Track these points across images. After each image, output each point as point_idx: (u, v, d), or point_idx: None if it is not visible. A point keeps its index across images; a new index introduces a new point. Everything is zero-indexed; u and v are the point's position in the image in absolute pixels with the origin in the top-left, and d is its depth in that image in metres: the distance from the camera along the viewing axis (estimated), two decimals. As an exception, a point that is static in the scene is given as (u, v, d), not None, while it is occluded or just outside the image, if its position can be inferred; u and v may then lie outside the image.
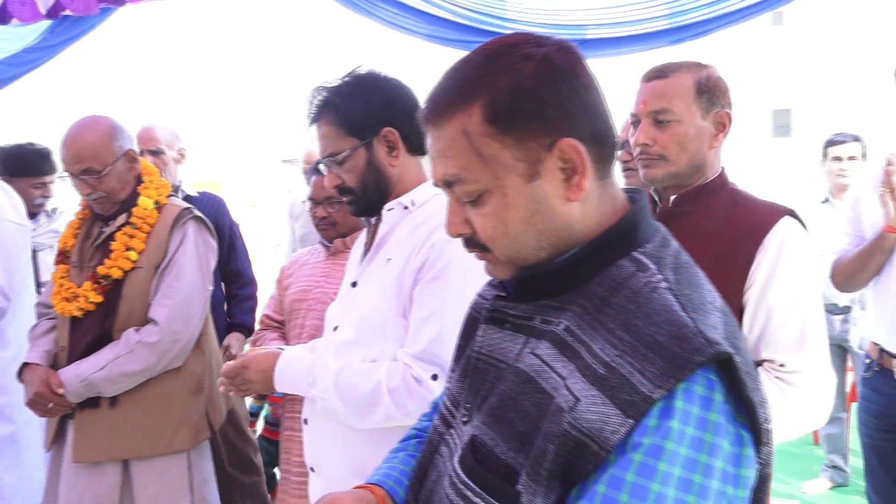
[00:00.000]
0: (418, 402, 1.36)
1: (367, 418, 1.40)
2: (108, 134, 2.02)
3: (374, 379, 1.39)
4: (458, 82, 0.79)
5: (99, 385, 1.95)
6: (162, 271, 2.03)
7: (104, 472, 1.99)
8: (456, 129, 0.77)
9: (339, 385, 1.41)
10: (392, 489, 0.96)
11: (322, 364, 1.45)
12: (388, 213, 1.50)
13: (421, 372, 1.37)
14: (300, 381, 1.47)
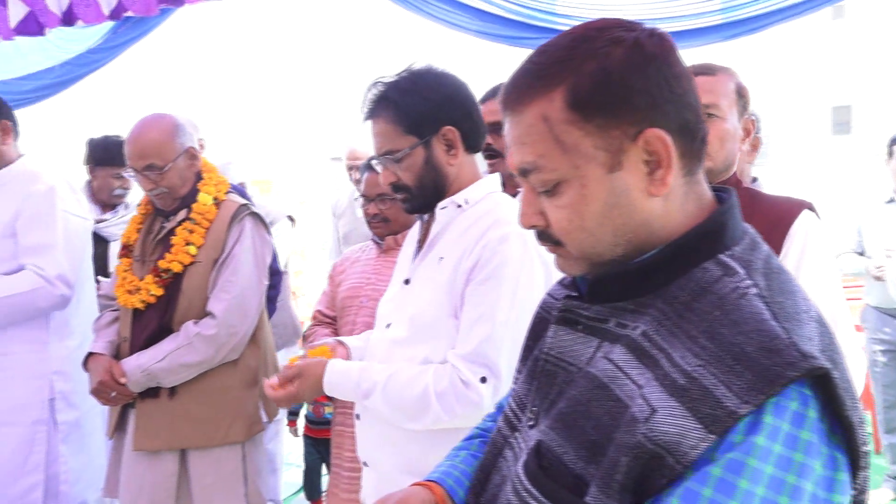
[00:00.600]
0: (466, 406, 1.36)
1: (419, 421, 1.41)
2: (171, 131, 2.07)
3: (422, 384, 1.39)
4: (541, 66, 0.75)
5: (159, 375, 2.00)
6: (220, 266, 2.08)
7: (163, 460, 2.05)
8: (535, 114, 0.74)
9: (387, 394, 1.41)
10: (451, 489, 0.95)
11: (368, 377, 1.45)
12: (441, 211, 1.49)
13: (469, 375, 1.36)
14: (349, 390, 1.47)
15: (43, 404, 2.31)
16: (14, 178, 2.35)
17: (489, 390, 1.36)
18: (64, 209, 2.36)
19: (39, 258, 2.26)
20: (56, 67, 3.61)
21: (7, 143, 2.37)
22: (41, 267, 2.24)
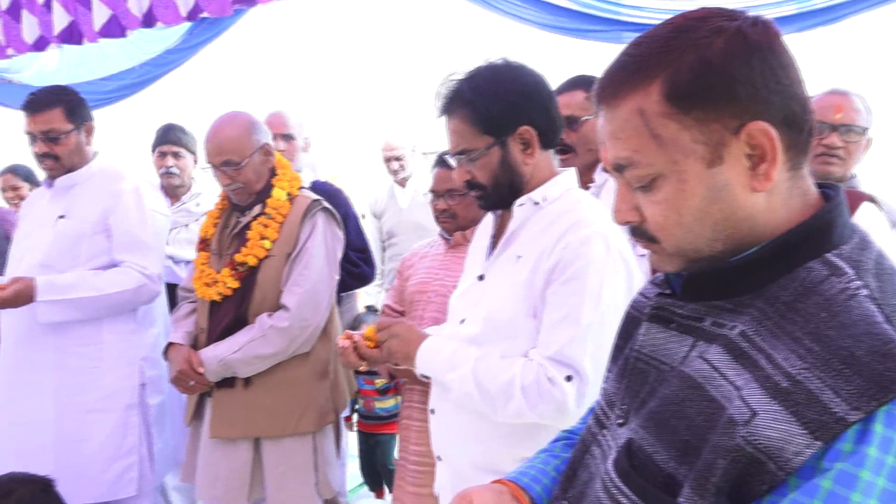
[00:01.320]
0: (550, 403, 1.34)
1: (500, 411, 1.40)
2: (247, 128, 2.13)
3: (510, 373, 1.38)
4: (637, 58, 0.73)
5: (234, 366, 2.06)
6: (293, 260, 2.12)
7: (238, 448, 2.11)
8: (631, 108, 0.72)
9: (476, 373, 1.41)
10: (527, 486, 0.95)
11: (465, 351, 1.46)
12: (518, 208, 1.48)
13: (555, 373, 1.35)
14: (440, 364, 1.48)
15: (134, 390, 2.40)
16: (95, 175, 2.45)
17: (574, 390, 1.35)
18: (150, 207, 2.46)
19: (139, 257, 2.35)
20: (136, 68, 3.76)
21: (89, 143, 2.48)
22: (144, 266, 2.35)
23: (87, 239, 2.36)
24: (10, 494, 1.59)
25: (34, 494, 1.63)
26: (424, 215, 3.91)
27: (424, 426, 1.96)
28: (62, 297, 2.26)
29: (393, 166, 3.96)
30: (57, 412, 2.33)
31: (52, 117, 2.34)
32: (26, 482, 1.65)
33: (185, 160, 3.19)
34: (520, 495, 0.94)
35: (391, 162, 3.95)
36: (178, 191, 3.15)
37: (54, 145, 2.36)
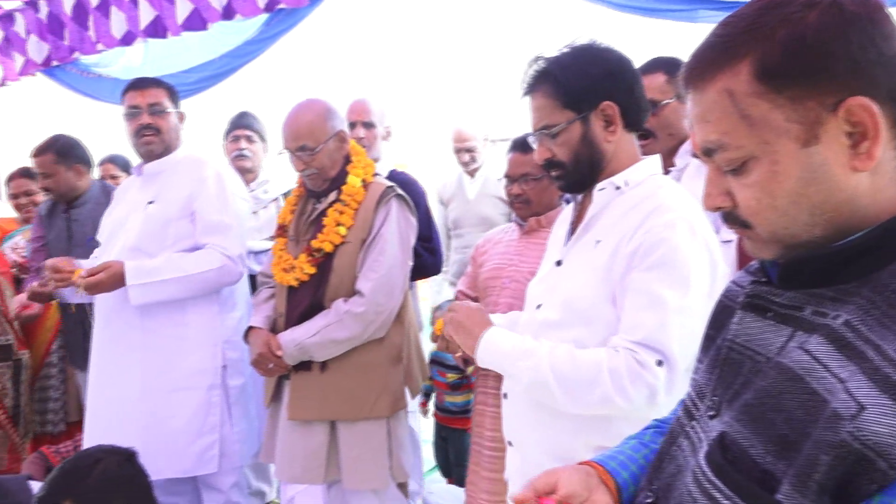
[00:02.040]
0: (641, 387, 1.30)
1: (582, 398, 1.35)
2: (323, 115, 2.16)
3: (593, 357, 1.34)
4: (725, 37, 0.71)
5: (311, 350, 2.10)
6: (368, 246, 2.15)
7: (314, 430, 2.16)
8: (718, 89, 0.70)
9: (553, 359, 1.37)
10: (614, 470, 0.92)
11: (532, 342, 1.43)
12: (599, 192, 1.45)
13: (646, 357, 1.30)
14: (506, 353, 1.45)
15: (216, 371, 2.49)
16: (180, 163, 2.55)
17: (664, 375, 1.31)
18: (231, 191, 2.54)
19: (222, 238, 2.44)
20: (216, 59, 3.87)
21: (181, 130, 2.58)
22: (225, 247, 2.43)
23: (173, 223, 2.45)
24: (97, 464, 1.67)
25: (119, 464, 1.70)
26: (491, 208, 3.87)
27: (499, 412, 1.95)
28: (150, 279, 2.36)
29: (464, 157, 3.90)
30: (144, 390, 2.43)
31: (158, 93, 2.49)
32: (112, 453, 1.73)
33: (256, 145, 3.26)
34: (607, 479, 0.92)
35: (462, 153, 3.90)
36: (248, 177, 3.22)
37: (158, 118, 2.48)
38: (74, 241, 3.06)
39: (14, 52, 4.47)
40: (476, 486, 2.08)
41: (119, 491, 1.66)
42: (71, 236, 3.07)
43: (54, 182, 3.03)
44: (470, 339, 1.50)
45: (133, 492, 1.69)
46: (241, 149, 3.21)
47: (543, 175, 2.09)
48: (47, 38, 4.18)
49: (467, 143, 3.88)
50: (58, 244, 3.10)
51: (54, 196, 3.10)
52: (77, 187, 3.08)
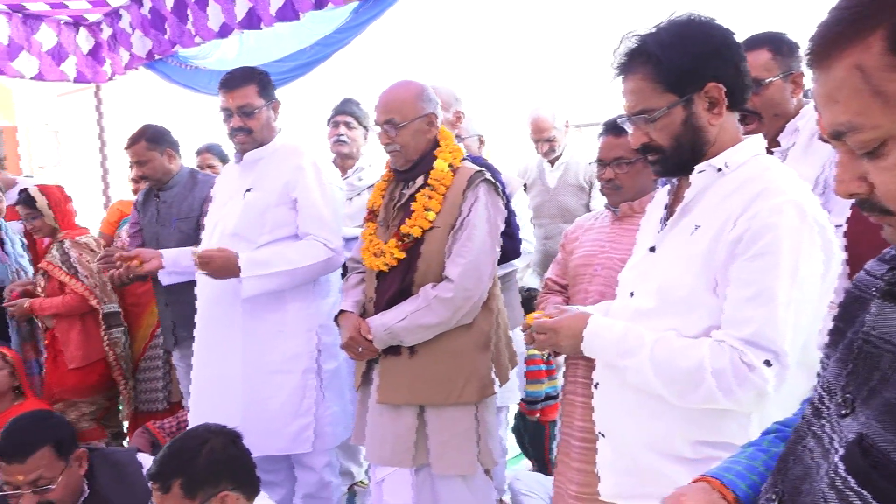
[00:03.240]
0: (748, 389, 1.24)
1: (686, 397, 1.31)
2: (416, 94, 2.17)
3: (696, 357, 1.28)
4: (852, 10, 0.65)
5: (400, 334, 2.12)
6: (456, 231, 2.14)
7: (403, 414, 2.17)
8: (847, 66, 0.64)
9: (654, 359, 1.33)
10: (732, 483, 0.87)
11: (636, 335, 1.38)
12: (697, 175, 1.38)
13: (752, 357, 1.24)
14: (609, 350, 1.42)
15: (311, 355, 2.56)
16: (278, 150, 2.61)
17: (773, 374, 1.23)
18: (328, 181, 2.59)
19: (323, 230, 2.50)
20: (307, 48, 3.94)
21: (276, 120, 2.64)
22: (328, 239, 2.50)
23: (271, 210, 2.52)
24: (204, 444, 1.74)
25: (225, 446, 1.76)
26: (572, 198, 3.76)
27: (590, 402, 1.90)
28: (262, 272, 2.44)
29: (543, 148, 3.79)
30: (244, 371, 2.53)
31: (247, 93, 2.53)
32: (218, 434, 1.79)
33: (355, 132, 3.30)
34: (726, 493, 0.87)
35: (541, 143, 3.78)
36: (347, 163, 3.26)
37: (248, 119, 2.54)
38: (161, 223, 3.21)
39: (120, 47, 4.72)
40: (565, 477, 2.04)
41: (225, 471, 1.72)
42: (160, 218, 3.21)
43: (150, 168, 3.17)
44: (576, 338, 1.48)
45: (238, 472, 1.76)
46: (339, 134, 3.26)
47: (637, 159, 2.01)
48: (150, 33, 4.38)
49: (546, 134, 3.74)
50: (149, 227, 3.25)
51: (151, 182, 3.24)
52: (170, 171, 3.21)
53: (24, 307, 3.32)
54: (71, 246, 3.43)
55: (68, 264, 3.41)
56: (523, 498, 2.90)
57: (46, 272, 3.38)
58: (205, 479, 1.70)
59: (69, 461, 2.07)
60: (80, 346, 3.44)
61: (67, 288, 3.39)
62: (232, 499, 1.72)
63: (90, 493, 2.14)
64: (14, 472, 1.99)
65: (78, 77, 4.69)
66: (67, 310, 3.40)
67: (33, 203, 3.39)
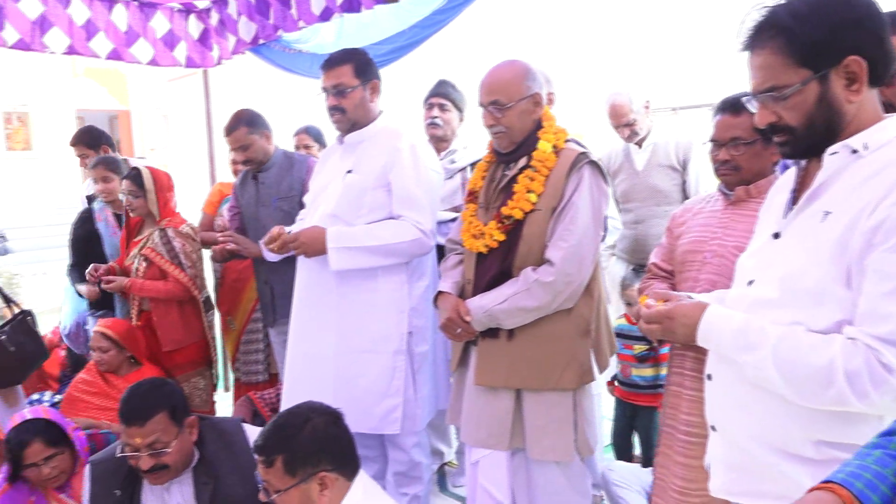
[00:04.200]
0: (886, 393, 1.14)
1: (813, 397, 1.22)
2: (521, 74, 2.12)
3: (826, 356, 1.19)
4: None
5: (499, 317, 2.09)
6: (558, 214, 2.09)
7: (500, 397, 2.16)
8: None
9: (778, 357, 1.24)
10: (861, 493, 0.80)
11: (757, 328, 1.29)
12: (830, 157, 1.27)
13: (891, 357, 1.13)
14: (727, 342, 1.34)
15: (402, 337, 2.58)
16: (378, 133, 2.63)
17: None
18: (425, 164, 2.58)
19: (415, 212, 2.51)
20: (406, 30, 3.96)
21: (374, 101, 2.65)
22: (419, 221, 2.50)
23: (369, 192, 2.55)
24: (307, 423, 1.77)
25: (326, 424, 1.79)
26: (664, 179, 3.59)
27: (697, 395, 1.83)
28: (348, 245, 2.48)
29: (624, 133, 3.61)
30: (337, 349, 2.58)
31: (342, 73, 2.56)
32: (320, 413, 1.81)
33: (449, 114, 3.28)
34: None
35: (621, 129, 3.61)
36: (440, 145, 3.25)
37: (342, 99, 2.57)
38: (261, 202, 3.29)
39: (227, 32, 4.88)
40: (668, 471, 1.97)
41: (325, 451, 1.74)
42: (259, 199, 3.30)
43: (252, 152, 3.25)
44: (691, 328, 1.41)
45: (338, 452, 1.78)
46: (433, 117, 3.26)
47: (756, 139, 1.90)
48: (255, 18, 4.51)
49: (624, 119, 3.55)
50: (248, 208, 3.36)
51: (252, 164, 3.33)
52: (268, 152, 3.30)
53: (123, 284, 3.46)
54: (175, 235, 3.53)
55: (172, 253, 3.53)
56: (616, 489, 2.83)
57: (148, 258, 3.51)
58: (305, 458, 1.72)
59: (182, 427, 2.17)
60: (177, 329, 3.56)
61: (170, 276, 3.51)
62: (330, 479, 1.74)
63: (200, 460, 2.24)
64: (133, 435, 2.10)
65: (188, 62, 4.89)
66: (168, 296, 3.54)
67: (141, 182, 3.53)
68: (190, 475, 2.23)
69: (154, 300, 3.50)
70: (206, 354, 3.69)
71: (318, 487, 1.74)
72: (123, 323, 3.40)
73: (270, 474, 1.75)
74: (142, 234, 3.62)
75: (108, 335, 3.27)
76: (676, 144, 3.58)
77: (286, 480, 1.73)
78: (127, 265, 3.53)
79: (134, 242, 3.60)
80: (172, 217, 3.57)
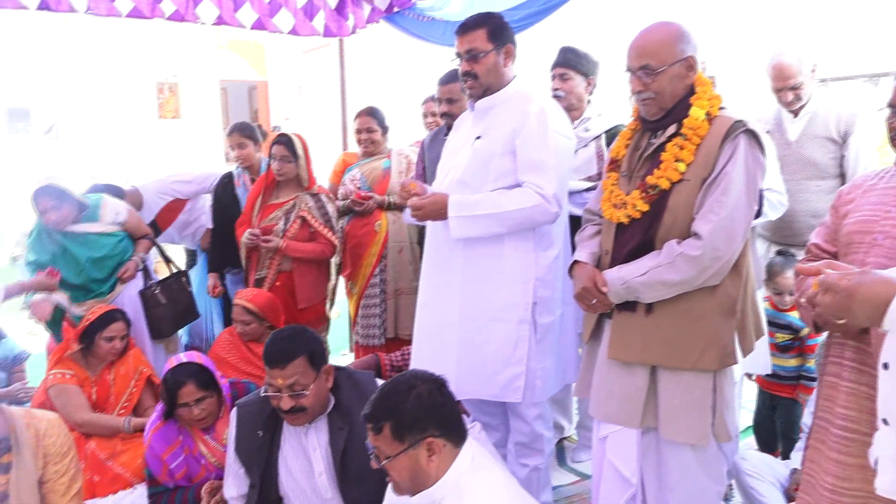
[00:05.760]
0: None
1: None
2: (674, 36, 2.01)
3: None
4: None
5: (638, 290, 2.01)
6: (709, 185, 1.96)
7: (633, 373, 2.08)
8: None
9: None
10: None
11: None
12: None
13: None
14: None
15: (527, 306, 2.54)
16: (510, 98, 2.57)
17: None
18: (554, 129, 2.51)
19: (538, 177, 2.45)
20: (541, -6, 3.86)
21: (508, 66, 2.59)
22: (540, 186, 2.44)
23: (496, 158, 2.51)
24: (412, 389, 1.80)
25: (430, 392, 1.81)
26: (819, 151, 3.28)
27: (856, 388, 1.68)
28: (468, 213, 2.46)
29: (787, 97, 3.31)
30: (462, 316, 2.58)
31: (475, 37, 2.52)
32: (425, 380, 1.84)
33: (571, 82, 3.18)
34: None
35: (784, 92, 3.31)
36: (571, 114, 3.13)
37: (474, 64, 2.53)
38: None
39: (363, 1, 4.98)
40: (818, 466, 1.82)
41: (431, 417, 1.77)
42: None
43: (458, 107, 3.21)
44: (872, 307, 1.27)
45: (443, 418, 1.79)
46: (555, 89, 3.18)
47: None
48: (390, -14, 4.56)
49: (791, 81, 3.26)
50: (433, 165, 3.27)
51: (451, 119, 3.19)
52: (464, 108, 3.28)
53: (280, 245, 3.67)
54: (328, 201, 3.77)
55: (326, 217, 3.74)
56: (748, 479, 2.70)
57: (305, 219, 3.71)
58: (412, 424, 1.75)
59: (320, 373, 2.28)
60: (313, 288, 3.81)
61: (321, 238, 3.71)
62: (438, 445, 1.76)
63: (335, 406, 2.35)
64: (275, 376, 2.24)
65: (326, 31, 5.02)
66: (318, 257, 3.76)
67: (293, 148, 3.71)
68: (325, 421, 2.34)
69: (298, 260, 3.71)
70: (325, 314, 3.88)
71: (426, 453, 1.76)
72: (264, 295, 3.62)
73: (379, 440, 1.78)
74: (278, 197, 3.80)
75: (249, 309, 3.49)
76: (838, 115, 3.28)
77: (395, 446, 1.76)
78: (267, 225, 3.72)
79: (272, 205, 3.78)
80: (315, 182, 3.77)
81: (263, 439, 2.36)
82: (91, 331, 3.22)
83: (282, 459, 2.39)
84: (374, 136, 4.08)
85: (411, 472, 1.77)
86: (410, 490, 1.80)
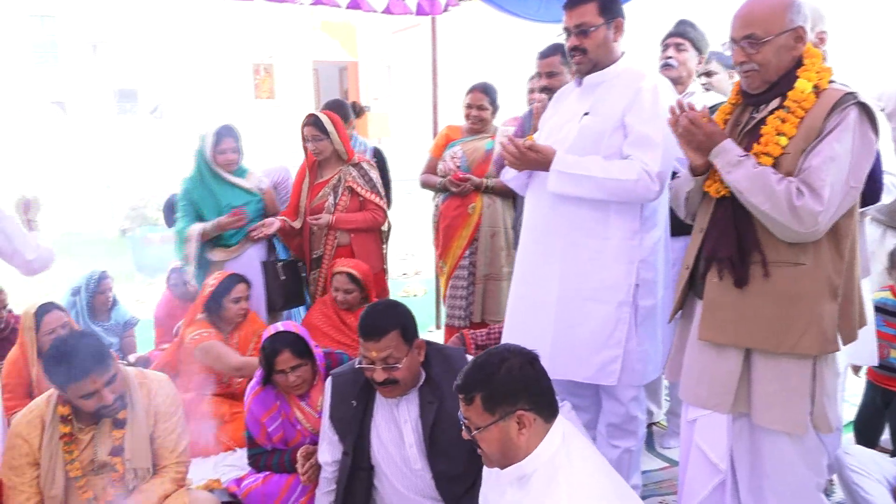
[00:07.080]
0: None
1: None
2: (784, 4, 1.91)
3: None
4: None
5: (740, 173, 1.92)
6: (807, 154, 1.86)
7: (726, 356, 2.02)
8: None
9: None
10: None
11: None
12: None
13: None
14: None
15: (629, 288, 2.49)
16: (620, 74, 2.51)
17: None
18: (665, 105, 2.44)
19: (645, 153, 2.39)
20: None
21: (617, 41, 2.53)
22: (647, 162, 2.38)
23: (606, 136, 2.46)
24: (504, 362, 1.80)
25: (521, 366, 1.81)
26: None
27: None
28: (573, 170, 2.43)
29: None
30: (560, 296, 2.54)
31: (585, 11, 2.46)
32: (516, 354, 1.84)
33: (686, 54, 3.08)
34: None
35: None
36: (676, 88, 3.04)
37: (584, 38, 2.48)
38: None
39: (455, -22, 4.96)
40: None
41: (522, 390, 1.78)
42: None
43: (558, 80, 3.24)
44: None
45: (534, 392, 1.80)
46: (668, 57, 3.08)
47: None
48: (487, -38, 4.51)
49: None
50: None
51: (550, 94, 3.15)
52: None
53: (331, 222, 3.77)
54: (370, 168, 3.86)
55: (371, 184, 3.84)
56: (852, 474, 2.56)
57: (353, 189, 3.80)
58: (503, 396, 1.76)
59: (412, 347, 2.34)
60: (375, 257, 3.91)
61: (370, 205, 3.80)
62: (528, 419, 1.76)
63: (426, 380, 2.41)
64: (370, 349, 2.31)
65: (418, 9, 5.04)
66: (370, 225, 3.84)
67: (322, 126, 3.80)
68: (416, 394, 2.40)
69: (355, 231, 3.81)
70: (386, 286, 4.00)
71: (516, 426, 1.77)
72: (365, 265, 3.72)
73: (471, 411, 1.81)
74: (322, 176, 3.90)
75: (355, 276, 3.62)
76: None
77: (485, 417, 1.78)
78: (318, 204, 3.85)
79: (319, 184, 3.89)
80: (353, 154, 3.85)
81: (357, 409, 2.45)
82: (217, 295, 3.43)
83: (374, 429, 2.47)
84: (484, 115, 4.04)
85: (501, 444, 1.79)
86: (500, 462, 1.82)
